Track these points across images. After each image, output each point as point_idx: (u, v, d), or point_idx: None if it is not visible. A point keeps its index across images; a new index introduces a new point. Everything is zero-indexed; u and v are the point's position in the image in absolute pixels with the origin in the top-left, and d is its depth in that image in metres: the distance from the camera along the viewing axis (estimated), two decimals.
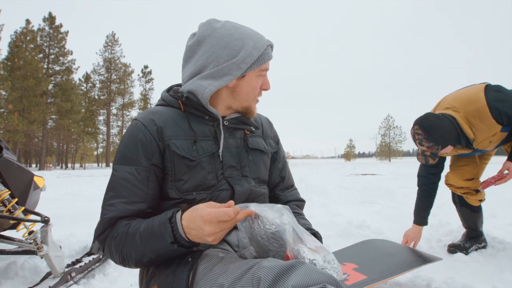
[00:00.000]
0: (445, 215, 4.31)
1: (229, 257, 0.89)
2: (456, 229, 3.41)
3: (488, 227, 3.43)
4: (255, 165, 1.18)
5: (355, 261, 2.11)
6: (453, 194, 2.87)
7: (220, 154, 1.11)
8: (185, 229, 0.88)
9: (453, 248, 2.72)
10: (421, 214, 2.77)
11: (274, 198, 1.32)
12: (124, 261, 0.98)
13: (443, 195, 6.49)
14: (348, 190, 7.63)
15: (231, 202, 0.89)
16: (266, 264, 0.72)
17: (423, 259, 2.10)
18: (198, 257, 0.92)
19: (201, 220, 0.84)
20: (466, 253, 2.62)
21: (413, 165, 26.24)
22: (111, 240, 0.98)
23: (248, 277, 0.73)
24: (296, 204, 1.33)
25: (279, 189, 1.32)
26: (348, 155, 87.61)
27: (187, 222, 0.88)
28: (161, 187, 1.08)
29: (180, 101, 1.12)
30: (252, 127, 1.21)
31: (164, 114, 1.11)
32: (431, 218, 4.06)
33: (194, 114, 1.12)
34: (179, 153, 1.04)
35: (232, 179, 1.11)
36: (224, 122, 1.14)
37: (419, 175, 2.78)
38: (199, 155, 1.07)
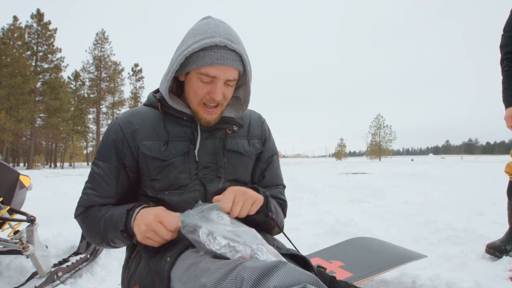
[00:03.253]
0: (432, 213, 4.37)
1: (209, 257, 0.89)
2: (442, 227, 3.46)
3: (474, 225, 3.49)
4: (232, 167, 1.16)
5: (341, 259, 2.13)
6: (510, 184, 2.56)
7: (196, 154, 1.10)
8: (135, 221, 0.98)
9: (492, 250, 2.46)
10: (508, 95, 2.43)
11: None
12: (92, 240, 1.10)
13: (431, 193, 6.58)
14: (338, 189, 7.68)
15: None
16: (249, 264, 0.72)
17: (409, 256, 2.12)
18: (178, 257, 0.92)
19: (151, 213, 0.95)
20: (507, 255, 2.39)
21: (402, 164, 26.51)
22: (84, 220, 1.12)
23: (231, 277, 0.73)
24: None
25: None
26: (339, 154, 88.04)
27: (140, 215, 0.98)
28: (135, 186, 1.14)
29: (159, 102, 1.13)
30: (234, 126, 1.17)
31: (142, 116, 1.13)
32: (417, 216, 4.13)
33: (172, 115, 1.12)
34: (149, 154, 1.07)
35: (205, 179, 1.11)
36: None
37: (503, 59, 2.50)
38: (171, 155, 1.08)
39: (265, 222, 1.11)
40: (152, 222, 0.93)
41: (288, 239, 1.22)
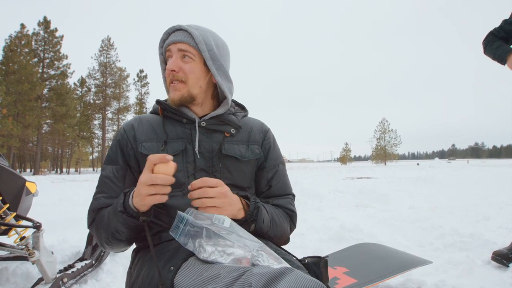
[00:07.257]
0: (437, 218, 4.34)
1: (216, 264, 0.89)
2: (448, 232, 3.43)
3: (480, 230, 3.46)
4: (228, 172, 1.16)
5: (346, 265, 2.12)
6: None
7: (197, 151, 1.13)
8: (134, 198, 0.95)
9: (499, 258, 2.42)
10: (503, 49, 2.42)
11: None
12: (103, 242, 1.08)
13: (437, 198, 6.53)
14: (343, 194, 7.64)
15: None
16: (257, 271, 0.72)
17: (414, 262, 2.11)
18: (181, 265, 0.92)
19: (143, 175, 0.92)
20: None
21: (408, 168, 26.34)
22: (94, 224, 1.11)
23: (239, 283, 0.73)
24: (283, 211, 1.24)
25: (263, 196, 1.25)
26: (344, 158, 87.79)
27: (136, 188, 0.95)
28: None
29: (160, 105, 1.19)
30: (232, 129, 1.20)
31: (145, 121, 1.20)
32: (423, 221, 4.10)
33: (172, 118, 1.18)
34: (146, 154, 1.09)
35: None
36: (202, 123, 1.15)
37: (487, 40, 2.54)
38: (168, 153, 1.06)
39: (259, 232, 1.08)
40: (147, 177, 0.90)
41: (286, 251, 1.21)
